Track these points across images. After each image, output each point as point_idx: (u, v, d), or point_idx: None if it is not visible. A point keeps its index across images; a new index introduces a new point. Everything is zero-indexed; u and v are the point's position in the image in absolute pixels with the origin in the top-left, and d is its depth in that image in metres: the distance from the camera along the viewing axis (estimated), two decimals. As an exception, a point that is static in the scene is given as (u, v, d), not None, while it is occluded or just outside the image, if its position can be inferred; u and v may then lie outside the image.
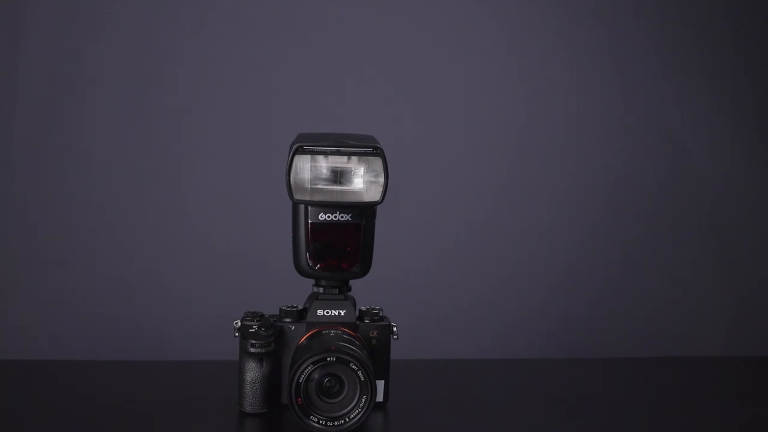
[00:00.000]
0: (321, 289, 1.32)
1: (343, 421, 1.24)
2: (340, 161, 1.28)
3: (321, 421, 1.23)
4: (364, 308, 1.34)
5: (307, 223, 1.29)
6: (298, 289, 1.36)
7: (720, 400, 1.44)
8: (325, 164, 1.28)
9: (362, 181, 1.29)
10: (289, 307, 1.32)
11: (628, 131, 1.80)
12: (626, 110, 1.80)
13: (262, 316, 1.32)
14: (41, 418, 1.30)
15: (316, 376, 1.24)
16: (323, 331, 1.30)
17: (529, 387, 1.48)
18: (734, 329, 1.81)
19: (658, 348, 1.78)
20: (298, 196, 1.28)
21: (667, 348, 1.78)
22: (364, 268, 1.31)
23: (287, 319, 1.31)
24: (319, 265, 1.30)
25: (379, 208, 1.31)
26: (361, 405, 1.23)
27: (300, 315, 1.32)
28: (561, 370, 1.58)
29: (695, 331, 1.80)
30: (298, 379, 1.22)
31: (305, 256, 1.30)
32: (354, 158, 1.28)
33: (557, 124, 1.79)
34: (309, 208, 1.29)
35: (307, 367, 1.23)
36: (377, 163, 1.28)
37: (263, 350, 1.29)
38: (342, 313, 1.31)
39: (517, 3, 1.77)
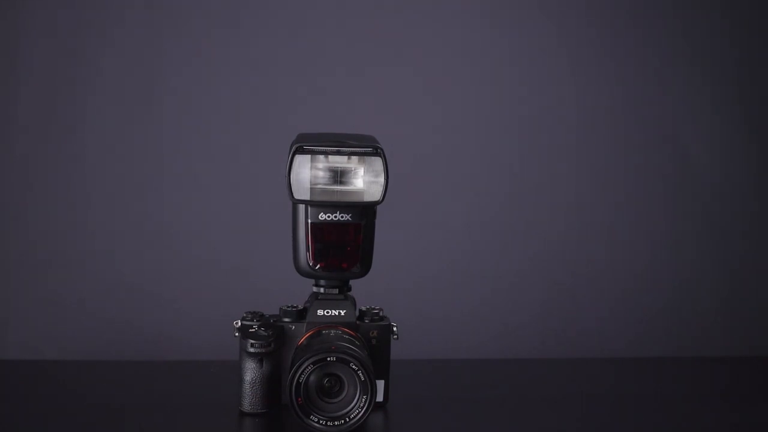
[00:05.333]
0: (321, 289, 1.32)
1: (343, 421, 1.24)
2: (340, 161, 1.28)
3: (321, 421, 1.23)
4: (364, 308, 1.34)
5: (307, 223, 1.29)
6: (298, 289, 1.36)
7: (720, 400, 1.44)
8: (325, 164, 1.28)
9: (362, 181, 1.29)
10: (289, 307, 1.32)
11: (628, 131, 1.80)
12: (626, 110, 1.80)
13: (262, 316, 1.32)
14: (41, 418, 1.30)
15: (314, 377, 1.24)
16: (323, 331, 1.30)
17: (529, 387, 1.48)
18: (734, 329, 1.81)
19: (658, 348, 1.78)
20: (298, 196, 1.28)
21: (667, 348, 1.78)
22: (364, 268, 1.31)
23: (287, 319, 1.31)
24: (319, 265, 1.30)
25: (379, 207, 1.31)
26: (361, 405, 1.23)
27: (300, 315, 1.32)
28: (561, 370, 1.58)
29: (695, 331, 1.80)
30: (299, 378, 1.22)
31: (305, 256, 1.30)
32: (354, 158, 1.28)
33: (557, 124, 1.79)
34: (309, 208, 1.29)
35: (307, 367, 1.23)
36: (377, 162, 1.28)
37: (263, 350, 1.29)
38: (342, 313, 1.31)
39: (517, 4, 1.77)
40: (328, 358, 1.23)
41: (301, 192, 1.28)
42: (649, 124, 1.80)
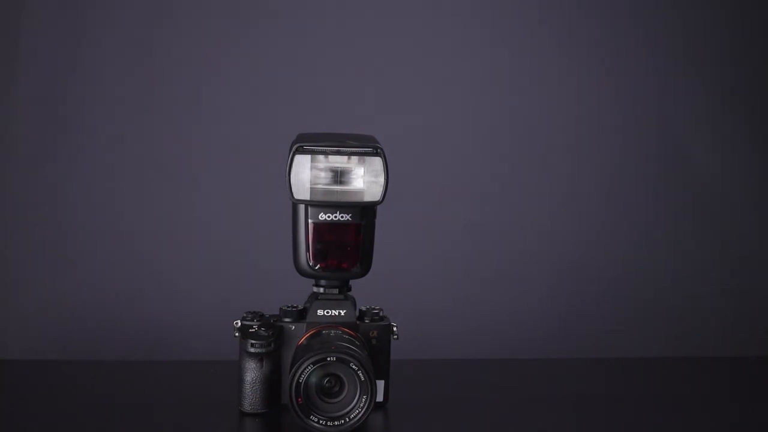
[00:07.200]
0: (321, 289, 1.32)
1: (343, 421, 1.23)
2: (340, 161, 1.28)
3: (321, 421, 1.23)
4: (364, 308, 1.34)
5: (307, 222, 1.29)
6: (298, 289, 1.36)
7: (720, 400, 1.44)
8: (325, 164, 1.28)
9: (362, 181, 1.29)
10: (289, 307, 1.32)
11: (628, 130, 1.80)
12: (626, 109, 1.80)
13: (262, 316, 1.32)
14: (41, 418, 1.30)
15: (315, 377, 1.24)
16: (323, 331, 1.30)
17: (529, 387, 1.48)
18: (734, 329, 1.81)
19: (658, 348, 1.78)
20: (298, 196, 1.28)
21: (667, 348, 1.78)
22: (364, 268, 1.31)
23: (287, 319, 1.31)
24: (319, 265, 1.30)
25: (379, 207, 1.31)
26: (361, 405, 1.23)
27: (300, 315, 1.32)
28: (561, 370, 1.58)
29: (695, 331, 1.80)
30: (299, 379, 1.22)
31: (305, 256, 1.30)
32: (354, 158, 1.28)
33: (557, 123, 1.79)
34: (309, 207, 1.29)
35: (307, 367, 1.23)
36: (377, 163, 1.28)
37: (263, 350, 1.29)
38: (342, 313, 1.31)
39: (518, 3, 1.77)
40: (328, 358, 1.23)
41: (301, 192, 1.28)
42: (650, 125, 1.80)
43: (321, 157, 1.28)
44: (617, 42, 1.79)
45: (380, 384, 1.32)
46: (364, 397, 1.23)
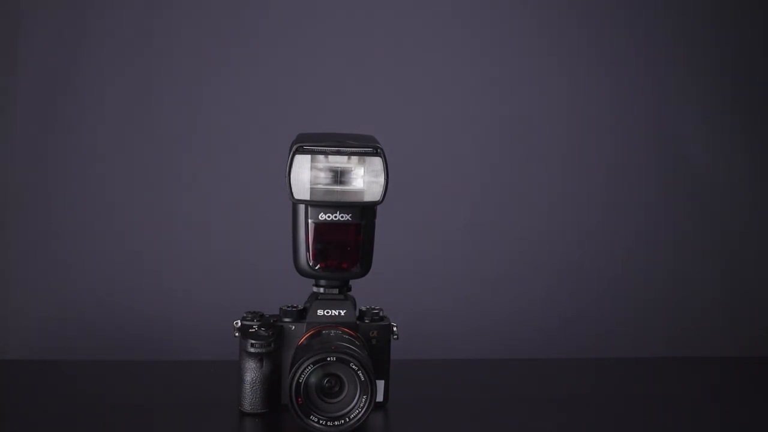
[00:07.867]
0: (321, 289, 1.32)
1: (343, 421, 1.24)
2: (340, 161, 1.28)
3: (321, 421, 1.23)
4: (364, 308, 1.34)
5: (307, 223, 1.29)
6: (298, 289, 1.36)
7: (720, 400, 1.44)
8: (325, 164, 1.28)
9: (362, 181, 1.29)
10: (289, 307, 1.32)
11: (628, 131, 1.80)
12: (626, 110, 1.80)
13: (262, 316, 1.32)
14: (42, 417, 1.30)
15: (315, 377, 1.24)
16: (323, 331, 1.30)
17: (529, 387, 1.48)
18: (734, 329, 1.81)
19: (658, 348, 1.78)
20: (298, 196, 1.28)
21: (667, 348, 1.78)
22: (364, 268, 1.31)
23: (287, 319, 1.31)
24: (319, 265, 1.30)
25: (379, 207, 1.31)
26: (361, 405, 1.23)
27: (300, 315, 1.32)
28: (561, 370, 1.58)
29: (695, 331, 1.80)
30: (299, 379, 1.22)
31: (305, 256, 1.30)
32: (354, 158, 1.28)
33: (556, 123, 1.79)
34: (309, 207, 1.29)
35: (307, 367, 1.23)
36: (377, 162, 1.28)
37: (263, 350, 1.29)
38: (342, 313, 1.31)
39: (519, 4, 1.77)
40: (328, 358, 1.23)
41: (301, 192, 1.28)
42: (650, 125, 1.80)
43: (321, 157, 1.28)
44: (617, 42, 1.79)
45: (380, 384, 1.32)
46: (364, 397, 1.23)
